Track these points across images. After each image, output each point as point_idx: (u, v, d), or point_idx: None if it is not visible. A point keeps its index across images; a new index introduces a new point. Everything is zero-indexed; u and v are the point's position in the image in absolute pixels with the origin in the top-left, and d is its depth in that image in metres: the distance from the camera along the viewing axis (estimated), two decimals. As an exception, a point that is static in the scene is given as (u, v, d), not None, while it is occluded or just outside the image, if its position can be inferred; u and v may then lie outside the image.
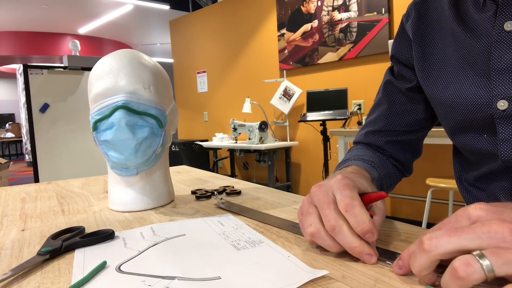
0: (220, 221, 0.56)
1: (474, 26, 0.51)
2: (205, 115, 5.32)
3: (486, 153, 0.53)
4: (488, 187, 0.57)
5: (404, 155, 0.69)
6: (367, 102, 3.40)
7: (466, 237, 0.28)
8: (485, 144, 0.53)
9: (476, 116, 0.52)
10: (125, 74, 0.62)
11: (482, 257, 0.26)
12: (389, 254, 0.40)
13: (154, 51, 11.11)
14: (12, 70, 10.92)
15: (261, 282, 0.35)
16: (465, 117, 0.54)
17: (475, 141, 0.54)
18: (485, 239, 0.27)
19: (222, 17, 4.90)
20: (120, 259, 0.42)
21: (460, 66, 0.54)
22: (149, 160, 0.64)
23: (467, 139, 0.56)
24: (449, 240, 0.29)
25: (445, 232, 0.29)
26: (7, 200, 0.82)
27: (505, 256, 0.26)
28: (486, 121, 0.51)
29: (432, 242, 0.29)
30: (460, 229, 0.29)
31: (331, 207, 0.40)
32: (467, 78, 0.53)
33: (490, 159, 0.53)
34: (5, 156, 11.35)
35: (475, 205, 0.31)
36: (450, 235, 0.29)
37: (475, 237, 0.28)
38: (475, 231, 0.28)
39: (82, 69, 2.87)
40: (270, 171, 3.89)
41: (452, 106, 0.55)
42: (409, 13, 0.64)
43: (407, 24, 0.64)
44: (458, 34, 0.54)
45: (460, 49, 0.54)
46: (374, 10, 3.24)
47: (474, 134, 0.54)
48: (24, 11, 7.00)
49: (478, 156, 0.56)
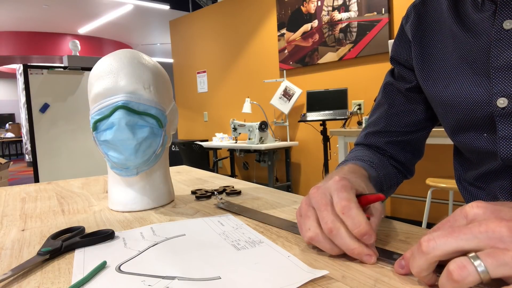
0: (220, 221, 0.56)
1: (473, 26, 0.52)
2: (205, 115, 5.32)
3: (486, 152, 0.53)
4: (487, 186, 0.57)
5: (404, 155, 0.69)
6: (367, 102, 3.40)
7: (463, 237, 0.28)
8: (485, 143, 0.53)
9: (476, 114, 0.52)
10: (125, 74, 0.62)
11: (476, 259, 0.26)
12: (388, 254, 0.40)
13: (154, 51, 11.11)
14: (12, 70, 10.92)
15: (261, 282, 0.35)
16: (465, 116, 0.54)
17: (475, 140, 0.54)
18: (482, 239, 0.27)
19: (222, 17, 4.90)
20: (120, 259, 0.42)
21: (459, 66, 0.54)
22: (149, 160, 0.64)
23: (467, 138, 0.56)
24: (446, 241, 0.29)
25: (443, 233, 0.29)
26: (7, 200, 0.82)
27: (501, 258, 0.26)
28: (486, 120, 0.52)
29: (430, 244, 0.29)
30: (457, 229, 0.29)
31: (329, 209, 0.40)
32: (466, 77, 0.53)
33: (490, 158, 0.54)
34: (5, 156, 11.35)
35: (472, 203, 0.31)
36: (447, 236, 0.29)
37: (472, 237, 0.28)
38: (472, 231, 0.28)
39: (82, 69, 2.87)
40: (270, 171, 3.89)
41: (453, 105, 0.55)
42: (409, 15, 0.64)
43: (407, 26, 0.64)
44: (457, 34, 0.54)
45: (459, 49, 0.54)
46: (374, 10, 3.24)
47: (474, 133, 0.54)
48: (24, 11, 7.00)
49: (478, 156, 0.56)
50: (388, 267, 0.38)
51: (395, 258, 0.38)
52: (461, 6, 0.54)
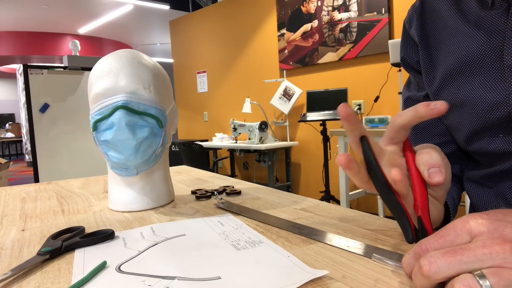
0: (220, 221, 0.56)
1: (482, 23, 0.50)
2: (205, 115, 5.32)
3: (502, 154, 0.52)
4: (496, 186, 0.55)
5: (454, 168, 0.62)
6: (367, 102, 3.40)
7: (467, 260, 0.27)
8: (500, 144, 0.51)
9: (492, 116, 0.50)
10: (125, 74, 0.62)
11: (482, 277, 0.26)
12: (388, 254, 0.40)
13: (154, 51, 11.11)
14: (12, 70, 10.92)
15: (261, 282, 0.35)
16: (481, 118, 0.52)
17: (490, 143, 0.52)
18: (485, 260, 0.27)
19: (222, 17, 4.90)
20: (120, 259, 0.42)
21: (468, 66, 0.52)
22: (149, 160, 0.64)
23: (482, 144, 0.53)
24: (449, 265, 0.28)
25: (444, 254, 0.28)
26: (7, 200, 0.82)
27: (506, 278, 0.25)
28: (502, 120, 0.49)
29: (431, 268, 0.28)
30: (460, 251, 0.28)
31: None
32: (478, 78, 0.51)
33: (503, 159, 0.52)
34: (5, 156, 11.35)
35: (475, 219, 0.30)
36: (450, 258, 0.28)
37: (475, 260, 0.27)
38: (475, 253, 0.27)
39: (82, 69, 2.87)
40: (270, 171, 3.89)
41: (469, 107, 0.53)
42: (411, 18, 0.62)
43: (412, 30, 0.62)
44: (463, 32, 0.52)
45: (466, 47, 0.52)
46: (374, 10, 3.24)
47: (489, 136, 0.52)
48: (24, 11, 7.01)
49: (490, 158, 0.54)
50: (388, 267, 0.38)
51: (395, 258, 0.38)
52: (464, 4, 0.52)
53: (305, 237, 0.48)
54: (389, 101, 3.26)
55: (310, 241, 0.46)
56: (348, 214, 0.58)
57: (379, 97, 3.26)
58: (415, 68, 0.64)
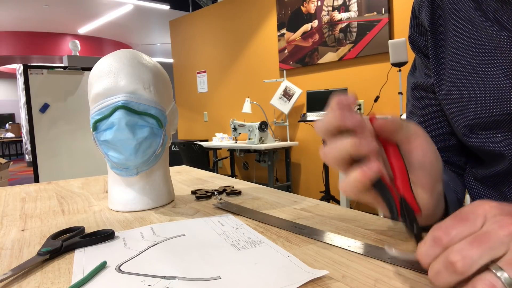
0: (220, 221, 0.56)
1: (497, 17, 0.49)
2: (205, 115, 5.32)
3: (498, 154, 0.51)
4: (498, 186, 0.55)
5: (460, 159, 0.62)
6: (367, 102, 3.40)
7: (493, 246, 0.27)
8: (498, 144, 0.50)
9: (493, 112, 0.49)
10: (125, 74, 0.62)
11: (500, 270, 0.26)
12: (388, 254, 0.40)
13: (154, 51, 11.11)
14: (12, 70, 10.92)
15: (261, 282, 0.35)
16: (480, 114, 0.51)
17: (488, 141, 0.51)
18: (508, 243, 0.27)
19: (222, 17, 4.90)
20: (120, 259, 0.42)
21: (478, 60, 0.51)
22: (149, 160, 0.64)
23: (479, 140, 0.53)
24: (481, 256, 0.27)
25: (472, 245, 0.28)
26: (7, 200, 0.82)
27: None
28: (503, 118, 0.49)
29: (466, 263, 0.27)
30: (484, 238, 0.28)
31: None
32: (484, 72, 0.50)
33: (503, 160, 0.51)
34: (5, 156, 11.35)
35: (488, 202, 0.30)
36: (480, 249, 0.27)
37: (499, 243, 0.27)
38: (498, 236, 0.27)
39: (82, 69, 2.87)
40: (270, 171, 3.89)
41: (469, 101, 0.52)
42: (421, 2, 0.60)
43: (422, 15, 0.60)
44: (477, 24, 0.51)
45: (476, 40, 0.51)
46: (374, 10, 3.24)
47: (487, 134, 0.51)
48: (24, 11, 7.01)
49: (490, 157, 0.54)
50: (388, 267, 0.38)
51: (392, 258, 0.38)
52: None
53: (305, 237, 0.48)
54: (389, 101, 3.26)
55: (310, 241, 0.46)
56: (348, 214, 0.58)
57: (379, 97, 3.27)
58: (423, 51, 0.62)
